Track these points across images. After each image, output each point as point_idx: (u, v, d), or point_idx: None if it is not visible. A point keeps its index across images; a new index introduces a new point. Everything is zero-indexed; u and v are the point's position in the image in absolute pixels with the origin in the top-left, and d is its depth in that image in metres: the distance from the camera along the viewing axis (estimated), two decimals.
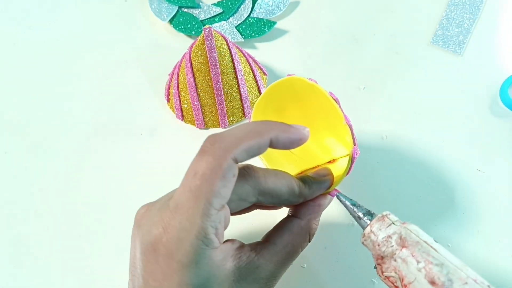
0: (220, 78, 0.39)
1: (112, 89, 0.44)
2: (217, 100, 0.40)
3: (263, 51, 0.45)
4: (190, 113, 0.41)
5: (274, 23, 0.45)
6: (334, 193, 0.30)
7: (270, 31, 0.45)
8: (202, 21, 0.46)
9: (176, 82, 0.41)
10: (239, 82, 0.40)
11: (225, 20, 0.46)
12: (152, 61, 0.45)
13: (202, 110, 0.41)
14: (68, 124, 0.42)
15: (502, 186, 0.38)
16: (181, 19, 0.46)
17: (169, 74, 0.43)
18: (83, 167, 0.40)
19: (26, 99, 0.43)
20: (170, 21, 0.46)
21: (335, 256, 0.36)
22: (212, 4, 0.47)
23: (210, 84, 0.39)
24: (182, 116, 0.41)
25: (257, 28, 0.45)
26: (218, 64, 0.38)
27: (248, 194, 0.26)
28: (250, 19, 0.46)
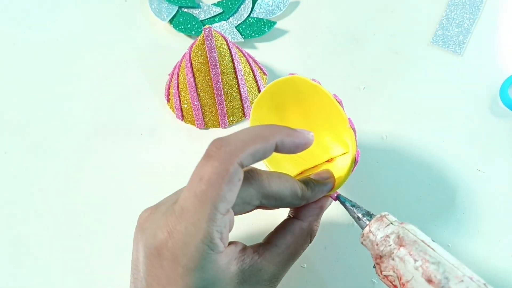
0: (220, 78, 0.39)
1: (112, 89, 0.44)
2: (217, 100, 0.40)
3: (263, 51, 0.45)
4: (190, 113, 0.41)
5: (274, 23, 0.45)
6: (335, 196, 0.31)
7: (270, 31, 0.45)
8: (202, 21, 0.46)
9: (176, 82, 0.41)
10: (239, 82, 0.40)
11: (225, 20, 0.46)
12: (152, 61, 0.45)
13: (202, 110, 0.41)
14: (68, 124, 0.42)
15: (502, 186, 0.38)
16: (181, 19, 0.46)
17: (169, 74, 0.43)
18: (83, 167, 0.40)
19: (26, 99, 0.43)
20: (170, 21, 0.46)
21: (335, 256, 0.36)
22: (212, 4, 0.47)
23: (210, 84, 0.39)
24: (182, 116, 0.41)
25: (257, 28, 0.45)
26: (218, 64, 0.38)
27: (252, 198, 0.26)
28: (250, 19, 0.46)
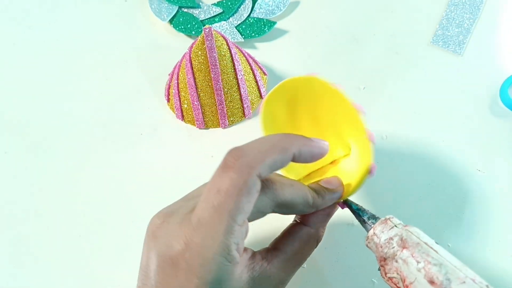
0: (220, 78, 0.39)
1: (112, 89, 0.44)
2: (217, 100, 0.40)
3: (263, 51, 0.45)
4: (190, 113, 0.41)
5: (274, 23, 0.45)
6: (342, 205, 0.31)
7: (270, 31, 0.45)
8: (202, 21, 0.46)
9: (176, 82, 0.41)
10: (239, 82, 0.40)
11: (225, 20, 0.46)
12: (152, 61, 0.45)
13: (202, 110, 0.41)
14: (68, 124, 0.42)
15: (502, 186, 0.38)
16: (181, 19, 0.46)
17: (169, 74, 0.43)
18: (83, 167, 0.40)
19: (26, 99, 0.43)
20: (170, 21, 0.46)
21: (335, 256, 0.36)
22: (212, 4, 0.47)
23: (210, 84, 0.39)
24: (182, 116, 0.41)
25: (257, 28, 0.45)
26: (218, 64, 0.38)
27: (266, 207, 0.26)
28: (250, 19, 0.46)
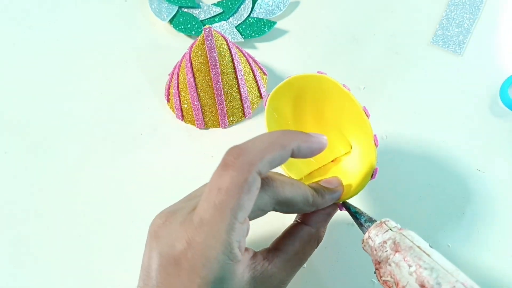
0: (220, 78, 0.39)
1: (112, 89, 0.44)
2: (217, 100, 0.40)
3: (263, 51, 0.45)
4: (190, 113, 0.41)
5: (274, 23, 0.45)
6: (341, 207, 0.31)
7: (270, 31, 0.45)
8: (202, 21, 0.46)
9: (176, 82, 0.41)
10: (239, 82, 0.40)
11: (225, 20, 0.46)
12: (152, 61, 0.45)
13: (202, 110, 0.41)
14: (68, 124, 0.42)
15: (502, 186, 0.38)
16: (181, 19, 0.46)
17: (169, 74, 0.43)
18: (83, 167, 0.40)
19: (26, 99, 0.43)
20: (170, 21, 0.46)
21: (335, 256, 0.36)
22: (212, 4, 0.47)
23: (210, 84, 0.39)
24: (182, 116, 0.41)
25: (257, 28, 0.45)
26: (218, 64, 0.38)
27: (266, 205, 0.27)
28: (250, 19, 0.46)
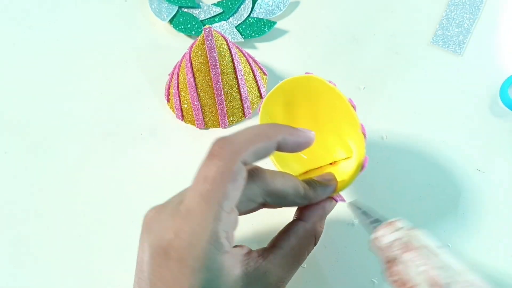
0: (220, 78, 0.39)
1: (112, 89, 0.44)
2: (217, 100, 0.40)
3: (263, 51, 0.45)
4: (190, 113, 0.41)
5: (274, 23, 0.45)
6: (337, 198, 0.31)
7: (270, 31, 0.45)
8: (202, 21, 0.46)
9: (176, 82, 0.41)
10: (239, 82, 0.40)
11: (225, 20, 0.46)
12: (152, 61, 0.45)
13: (202, 110, 0.41)
14: (68, 124, 0.42)
15: (502, 186, 0.38)
16: (181, 19, 0.46)
17: (169, 74, 0.43)
18: (83, 167, 0.40)
19: (26, 99, 0.43)
20: (170, 21, 0.46)
21: (335, 256, 0.36)
22: (212, 4, 0.47)
23: (210, 84, 0.39)
24: (182, 116, 0.41)
25: (257, 28, 0.45)
26: (218, 64, 0.38)
27: (256, 195, 0.27)
28: (250, 19, 0.46)
